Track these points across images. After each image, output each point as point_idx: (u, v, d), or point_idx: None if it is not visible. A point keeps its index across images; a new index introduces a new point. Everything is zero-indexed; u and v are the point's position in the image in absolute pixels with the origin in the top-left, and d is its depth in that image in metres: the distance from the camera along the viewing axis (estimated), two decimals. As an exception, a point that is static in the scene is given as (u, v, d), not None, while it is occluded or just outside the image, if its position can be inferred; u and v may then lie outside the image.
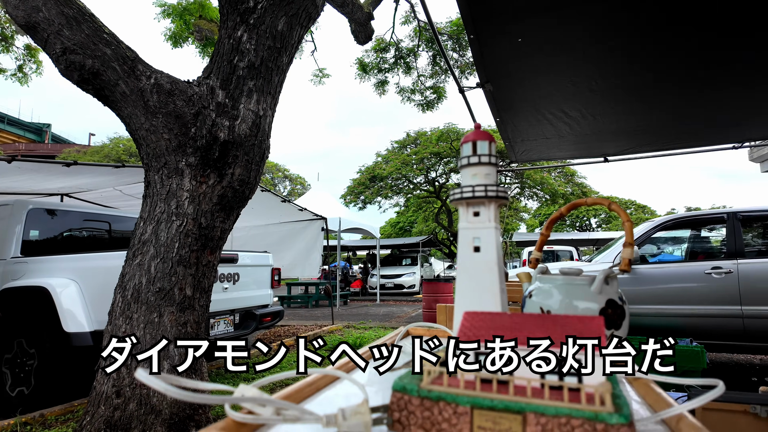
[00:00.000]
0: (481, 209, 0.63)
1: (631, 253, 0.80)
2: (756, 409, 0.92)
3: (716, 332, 3.96)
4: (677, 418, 0.50)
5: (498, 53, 2.46)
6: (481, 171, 0.63)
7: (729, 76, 2.58)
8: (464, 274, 0.63)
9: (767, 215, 4.39)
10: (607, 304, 0.80)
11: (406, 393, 0.50)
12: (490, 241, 0.62)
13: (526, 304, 0.88)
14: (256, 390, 0.49)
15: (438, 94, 8.66)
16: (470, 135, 0.65)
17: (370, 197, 19.44)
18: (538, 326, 0.50)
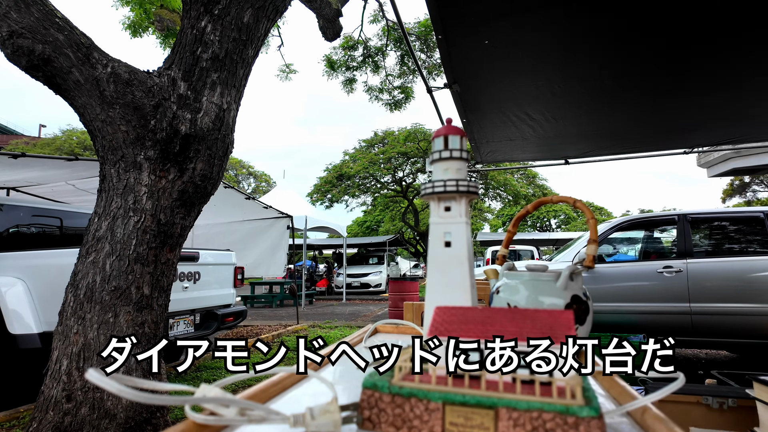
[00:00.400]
0: (452, 204, 0.63)
1: (596, 249, 0.82)
2: (708, 400, 0.96)
3: (667, 328, 4.17)
4: (642, 410, 0.51)
5: (465, 54, 2.49)
6: (453, 166, 0.62)
7: (681, 86, 2.71)
8: (435, 269, 0.63)
9: (713, 217, 4.66)
10: (572, 300, 0.82)
11: (377, 390, 0.49)
12: (461, 236, 0.62)
13: (494, 300, 0.89)
14: (218, 390, 0.46)
15: (406, 94, 8.70)
16: (442, 129, 0.65)
17: (337, 196, 19.33)
18: (509, 320, 0.50)
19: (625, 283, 4.35)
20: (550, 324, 0.48)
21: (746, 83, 2.66)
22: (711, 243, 4.54)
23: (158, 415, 2.36)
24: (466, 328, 0.50)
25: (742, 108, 3.02)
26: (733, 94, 2.79)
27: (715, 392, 0.96)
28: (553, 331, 0.47)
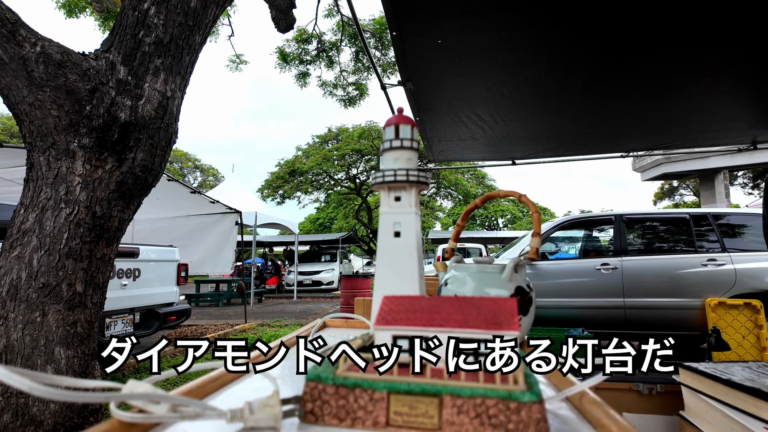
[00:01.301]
0: (402, 194, 0.62)
1: (539, 242, 0.84)
2: (639, 386, 1.01)
3: (603, 322, 4.42)
4: (580, 394, 0.53)
5: (419, 53, 2.51)
6: (403, 155, 0.62)
7: (617, 94, 2.87)
8: (384, 259, 0.62)
9: (646, 218, 4.99)
10: (516, 291, 0.84)
11: (321, 382, 0.48)
12: (410, 226, 0.62)
13: (442, 292, 0.90)
14: (148, 385, 0.43)
15: (360, 90, 8.67)
16: (393, 119, 0.64)
17: (289, 192, 19.00)
18: (456, 309, 0.50)
19: (565, 279, 4.57)
20: (494, 312, 0.49)
21: (674, 97, 2.86)
22: (644, 242, 4.86)
23: (91, 420, 2.21)
24: (413, 316, 0.49)
25: (670, 118, 3.24)
26: (663, 104, 2.99)
27: (645, 379, 1.02)
28: (498, 319, 0.48)
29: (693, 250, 4.57)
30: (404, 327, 0.48)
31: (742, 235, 4.60)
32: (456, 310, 0.50)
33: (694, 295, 4.32)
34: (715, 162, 15.05)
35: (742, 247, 4.49)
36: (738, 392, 0.82)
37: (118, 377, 3.96)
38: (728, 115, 3.17)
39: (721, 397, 0.87)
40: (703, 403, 0.92)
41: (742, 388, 0.82)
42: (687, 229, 4.70)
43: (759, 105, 3.06)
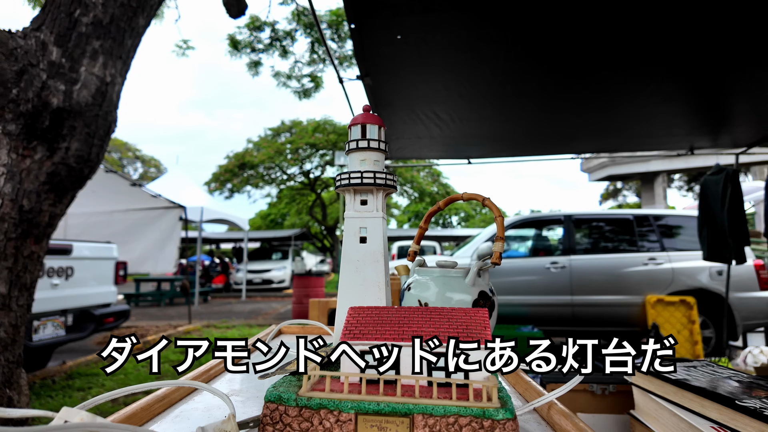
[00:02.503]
0: (368, 197, 0.59)
1: (502, 246, 0.83)
2: (593, 387, 1.03)
3: (553, 319, 4.59)
4: (548, 405, 0.52)
5: (378, 48, 2.47)
6: (370, 157, 0.58)
7: (570, 97, 2.97)
8: (349, 266, 0.59)
9: (593, 218, 5.24)
10: (479, 296, 0.83)
11: (282, 403, 0.43)
12: (377, 231, 0.58)
13: (405, 297, 0.87)
14: (84, 413, 0.37)
15: (316, 82, 8.51)
16: (360, 117, 0.60)
17: (239, 186, 18.39)
18: (426, 320, 0.47)
19: (517, 277, 4.71)
20: (465, 323, 0.46)
21: (621, 102, 3.00)
22: (591, 241, 5.10)
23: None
24: (382, 329, 0.46)
25: (617, 122, 3.40)
26: (611, 109, 3.13)
27: (599, 380, 1.04)
28: (469, 330, 0.46)
29: (635, 249, 4.84)
30: (373, 342, 0.45)
31: (679, 236, 4.93)
32: (426, 321, 0.47)
33: (636, 293, 4.58)
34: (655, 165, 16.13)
35: (678, 246, 4.80)
36: (685, 392, 0.85)
37: (47, 385, 3.67)
38: (669, 122, 3.37)
39: (669, 397, 0.89)
40: (652, 402, 0.94)
41: (688, 388, 0.85)
42: (630, 229, 4.97)
43: (695, 114, 3.27)
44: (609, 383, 1.07)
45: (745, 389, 0.84)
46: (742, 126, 3.47)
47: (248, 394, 0.59)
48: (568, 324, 4.61)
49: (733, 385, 0.86)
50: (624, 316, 4.59)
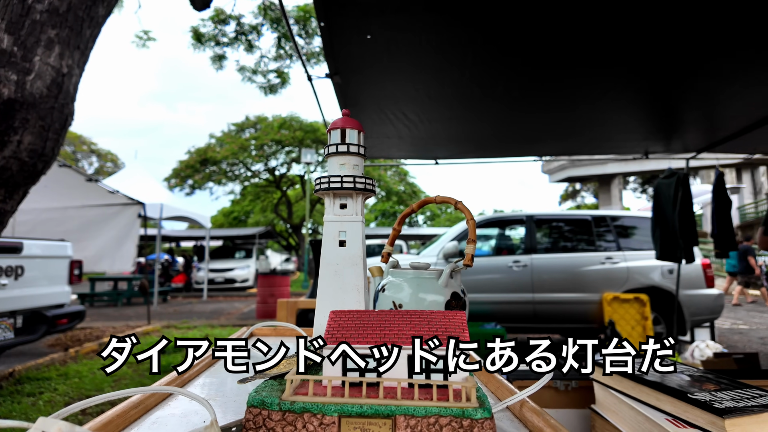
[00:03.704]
0: (348, 201, 0.59)
1: (474, 249, 0.86)
2: (557, 383, 1.08)
3: (515, 316, 4.72)
4: (520, 403, 0.55)
5: (348, 46, 2.47)
6: (350, 161, 0.59)
7: (534, 101, 3.06)
8: (328, 269, 0.59)
9: (553, 219, 5.42)
10: (451, 297, 0.85)
11: (265, 408, 0.43)
12: (356, 235, 0.59)
13: (379, 299, 0.88)
14: (62, 423, 0.36)
15: (282, 78, 8.39)
16: (339, 121, 0.61)
17: (200, 182, 17.89)
18: (406, 323, 0.49)
19: (481, 276, 4.82)
20: (444, 326, 0.48)
21: (582, 107, 3.11)
22: (551, 241, 5.27)
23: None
24: (364, 333, 0.47)
25: (578, 126, 3.54)
26: (572, 114, 3.25)
27: (562, 376, 1.08)
28: (448, 333, 0.47)
29: (593, 249, 5.04)
30: (356, 345, 0.46)
31: (634, 236, 5.17)
32: (407, 324, 0.48)
33: (594, 291, 4.77)
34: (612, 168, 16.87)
35: (633, 246, 5.04)
36: (642, 386, 0.89)
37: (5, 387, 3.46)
38: (626, 127, 3.53)
39: (627, 391, 0.94)
40: (611, 396, 0.99)
41: (645, 383, 0.89)
42: (589, 229, 5.17)
43: (651, 120, 3.44)
44: (571, 379, 1.12)
45: (696, 382, 0.90)
46: (692, 132, 3.68)
47: (224, 398, 0.59)
48: (530, 321, 4.75)
49: (685, 379, 0.92)
50: (582, 313, 4.78)
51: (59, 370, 4.05)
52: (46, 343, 5.37)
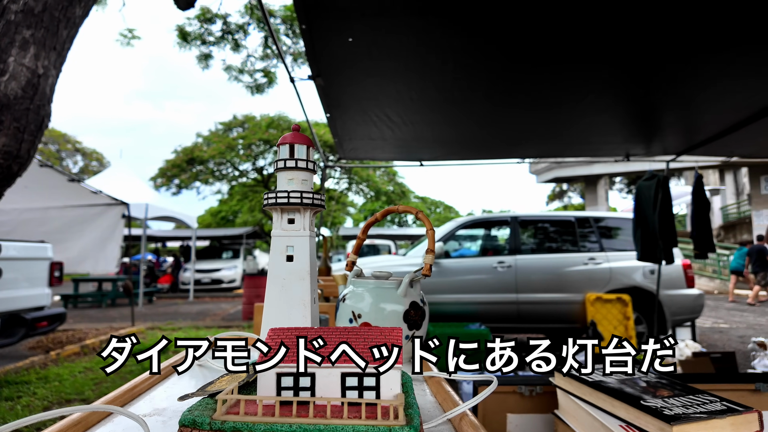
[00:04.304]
0: (296, 216, 0.60)
1: (432, 258, 0.87)
2: (521, 389, 1.09)
3: (499, 316, 4.76)
4: (460, 416, 0.55)
5: (330, 49, 2.47)
6: (298, 176, 0.59)
7: (517, 103, 3.08)
8: (274, 285, 0.59)
9: (538, 219, 5.47)
10: (410, 306, 0.86)
11: (196, 427, 0.44)
12: (304, 249, 0.59)
13: (340, 308, 0.89)
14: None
15: (269, 78, 8.34)
16: (288, 137, 0.61)
17: (187, 182, 17.72)
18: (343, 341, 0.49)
19: (466, 276, 4.84)
20: (381, 341, 0.49)
21: (564, 110, 3.14)
22: (536, 242, 5.32)
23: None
24: (300, 351, 0.47)
25: (560, 129, 3.57)
26: (554, 116, 3.28)
27: (527, 381, 1.10)
28: (385, 351, 0.48)
29: (577, 249, 5.09)
30: (289, 365, 0.46)
31: (616, 237, 5.23)
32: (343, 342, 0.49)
33: (577, 291, 4.82)
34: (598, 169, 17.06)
35: (615, 247, 5.10)
36: (598, 392, 0.91)
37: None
38: (606, 131, 3.57)
39: (585, 397, 0.96)
40: (572, 402, 1.00)
41: (601, 389, 0.91)
42: (572, 230, 5.23)
43: (630, 124, 3.48)
44: (536, 384, 1.14)
45: (651, 388, 0.92)
46: (671, 136, 3.73)
47: (171, 413, 0.59)
48: (514, 321, 4.79)
49: (641, 385, 0.94)
50: (565, 313, 4.83)
51: (39, 373, 3.99)
52: (27, 345, 5.29)
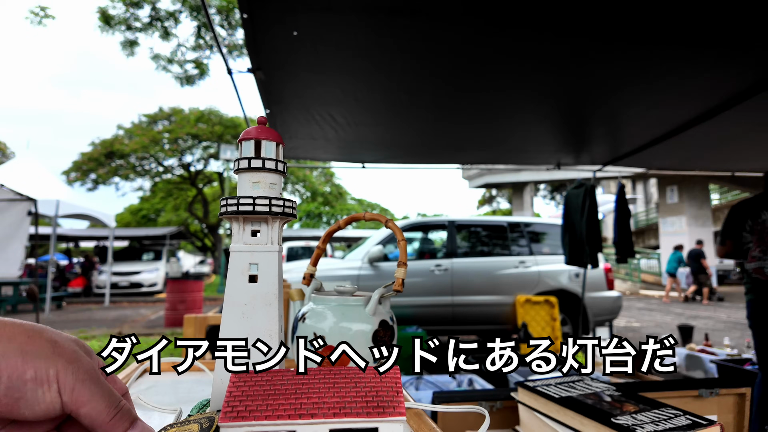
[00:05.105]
0: (262, 228, 0.49)
1: (404, 272, 0.79)
2: (482, 404, 1.05)
3: (435, 319, 4.80)
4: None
5: (273, 41, 2.32)
6: (266, 179, 0.49)
7: (459, 110, 3.11)
8: (233, 312, 0.48)
9: (473, 224, 5.61)
10: (380, 325, 0.78)
11: None
12: (271, 268, 0.49)
13: (299, 328, 0.78)
14: None
15: (201, 69, 7.87)
16: (252, 131, 0.51)
17: (105, 177, 16.33)
18: (329, 387, 0.40)
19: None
20: (375, 389, 0.40)
21: (502, 119, 3.23)
22: (470, 245, 5.44)
23: None
24: (275, 404, 0.37)
25: (498, 137, 3.67)
26: (493, 125, 3.36)
27: (488, 396, 1.06)
28: (380, 398, 0.39)
29: (509, 253, 5.28)
30: (263, 422, 0.36)
31: (544, 241, 5.50)
32: (330, 389, 0.39)
33: (508, 293, 4.99)
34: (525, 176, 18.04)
35: (544, 251, 5.35)
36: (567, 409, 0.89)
37: None
38: (541, 140, 3.72)
39: (552, 414, 0.93)
40: (535, 419, 0.98)
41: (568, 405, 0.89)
42: (504, 234, 5.41)
43: (563, 134, 3.65)
44: (497, 399, 1.11)
45: (616, 403, 0.91)
46: (599, 147, 3.97)
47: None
48: (449, 323, 4.86)
49: (606, 400, 0.93)
50: (497, 314, 4.99)
51: None
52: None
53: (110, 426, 0.32)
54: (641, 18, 1.95)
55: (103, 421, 0.32)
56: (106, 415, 0.32)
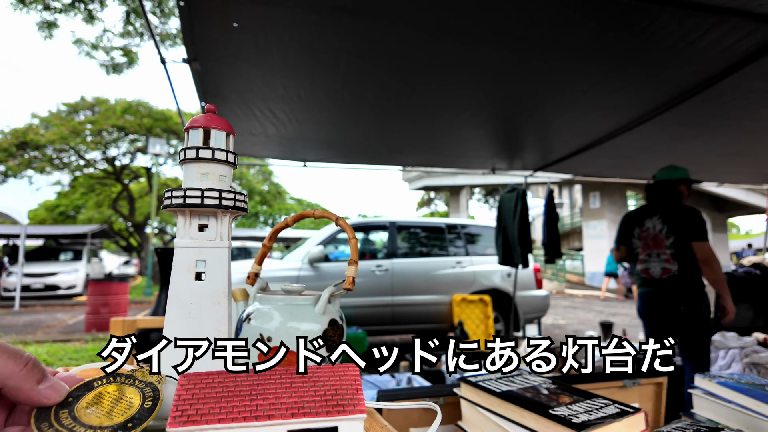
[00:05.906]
0: (210, 222, 0.46)
1: (355, 271, 0.78)
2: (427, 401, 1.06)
3: (375, 319, 4.83)
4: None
5: (211, 32, 2.23)
6: (215, 171, 0.46)
7: (401, 112, 3.15)
8: (178, 310, 0.45)
9: (413, 225, 5.70)
10: (329, 324, 0.76)
11: None
12: (220, 265, 0.46)
13: (243, 330, 0.75)
14: None
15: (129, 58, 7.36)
16: (200, 119, 0.48)
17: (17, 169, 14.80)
18: (286, 386, 0.38)
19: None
20: (335, 387, 0.39)
21: (442, 123, 3.32)
22: (410, 246, 5.53)
23: None
24: (228, 406, 0.35)
25: (437, 140, 3.76)
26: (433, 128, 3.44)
27: (432, 393, 1.08)
28: (339, 396, 0.38)
29: (446, 253, 5.42)
30: (216, 426, 0.34)
31: (479, 242, 5.71)
32: (287, 389, 0.38)
33: (445, 293, 5.13)
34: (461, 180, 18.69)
35: (478, 252, 5.56)
36: (507, 403, 0.92)
37: None
38: (478, 146, 3.86)
39: (493, 408, 0.96)
40: (477, 413, 1.00)
41: (510, 399, 0.92)
42: (443, 236, 5.55)
43: (498, 141, 3.82)
44: (441, 395, 1.13)
45: (553, 396, 0.96)
46: (531, 153, 4.19)
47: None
48: (389, 323, 4.91)
49: (543, 392, 0.98)
50: (435, 313, 5.11)
51: None
52: None
53: (22, 377, 0.35)
54: (569, 35, 2.08)
55: (13, 372, 0.34)
56: (15, 367, 0.35)
